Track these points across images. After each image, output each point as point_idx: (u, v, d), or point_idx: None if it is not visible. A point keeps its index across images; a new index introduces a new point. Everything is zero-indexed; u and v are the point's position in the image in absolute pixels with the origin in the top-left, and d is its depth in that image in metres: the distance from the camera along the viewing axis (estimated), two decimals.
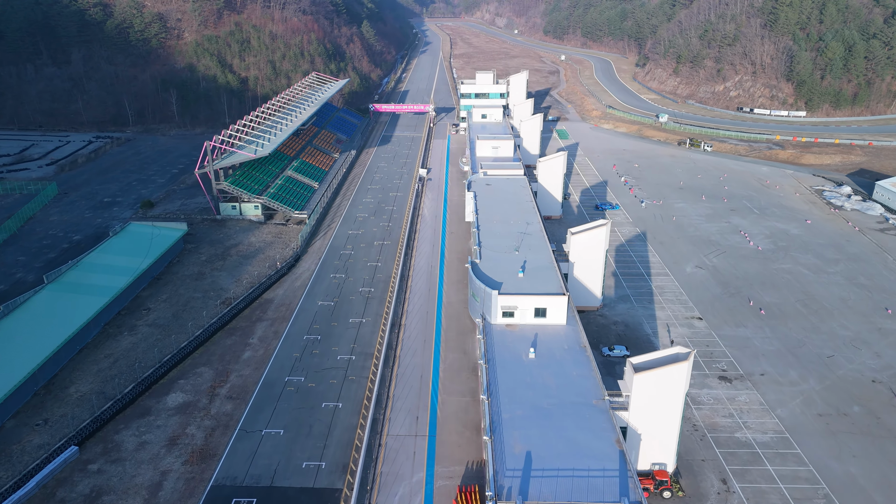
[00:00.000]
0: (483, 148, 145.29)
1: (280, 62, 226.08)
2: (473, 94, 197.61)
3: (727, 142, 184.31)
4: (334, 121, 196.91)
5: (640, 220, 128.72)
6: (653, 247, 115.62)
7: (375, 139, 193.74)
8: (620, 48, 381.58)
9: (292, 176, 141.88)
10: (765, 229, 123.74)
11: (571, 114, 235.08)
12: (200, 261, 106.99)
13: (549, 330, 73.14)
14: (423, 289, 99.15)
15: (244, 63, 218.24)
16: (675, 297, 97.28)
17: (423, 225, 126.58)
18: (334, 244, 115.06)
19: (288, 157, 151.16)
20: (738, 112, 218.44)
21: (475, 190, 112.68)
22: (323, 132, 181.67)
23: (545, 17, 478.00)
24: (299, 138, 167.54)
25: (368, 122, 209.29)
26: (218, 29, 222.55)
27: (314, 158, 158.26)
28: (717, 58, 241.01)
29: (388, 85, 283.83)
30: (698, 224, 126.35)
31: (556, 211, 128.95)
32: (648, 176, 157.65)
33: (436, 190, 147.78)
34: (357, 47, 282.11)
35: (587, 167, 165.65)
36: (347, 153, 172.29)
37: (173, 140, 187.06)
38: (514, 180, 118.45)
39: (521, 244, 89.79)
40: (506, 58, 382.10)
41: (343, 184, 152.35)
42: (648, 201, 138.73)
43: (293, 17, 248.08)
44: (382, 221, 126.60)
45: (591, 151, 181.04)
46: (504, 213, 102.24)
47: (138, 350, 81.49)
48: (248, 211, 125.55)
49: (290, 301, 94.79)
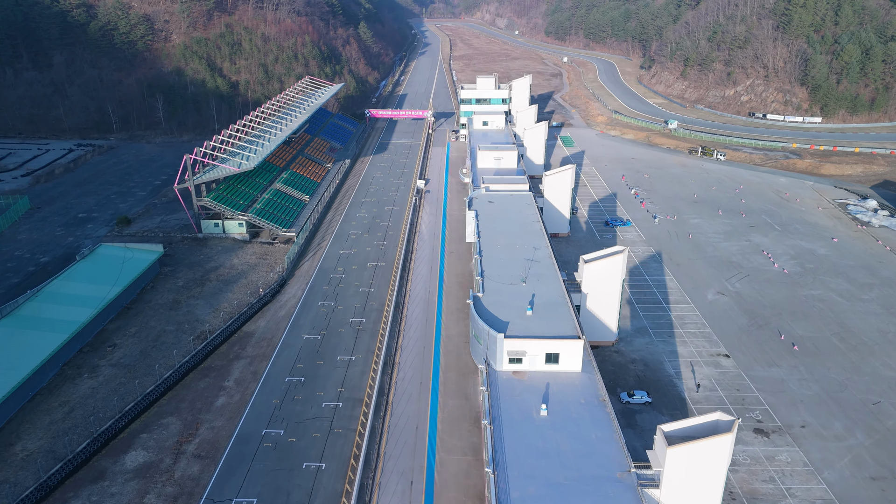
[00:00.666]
0: (484, 159, 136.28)
1: (272, 65, 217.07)
2: (474, 99, 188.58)
3: (741, 150, 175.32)
4: (328, 127, 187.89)
5: (654, 238, 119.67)
6: (669, 269, 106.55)
7: (371, 147, 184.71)
8: (624, 50, 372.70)
9: (281, 189, 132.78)
10: (789, 248, 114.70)
11: (576, 119, 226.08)
12: (177, 287, 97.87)
13: (563, 379, 64.10)
14: (419, 319, 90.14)
15: (235, 66, 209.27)
16: (697, 329, 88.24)
17: (420, 243, 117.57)
18: (324, 266, 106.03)
19: (277, 169, 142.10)
20: (749, 118, 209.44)
21: (477, 208, 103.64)
22: (316, 140, 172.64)
23: (546, 18, 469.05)
24: (290, 147, 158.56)
25: (364, 129, 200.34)
26: (207, 31, 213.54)
27: (305, 169, 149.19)
28: (727, 61, 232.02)
29: (385, 88, 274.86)
30: (717, 243, 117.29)
31: (564, 228, 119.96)
32: (660, 188, 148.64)
33: (434, 203, 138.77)
34: (353, 49, 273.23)
35: (594, 178, 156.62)
36: (341, 162, 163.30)
37: (158, 148, 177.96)
38: (519, 196, 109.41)
39: (528, 273, 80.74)
40: (507, 59, 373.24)
41: (336, 197, 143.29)
42: (662, 216, 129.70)
43: (287, 19, 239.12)
44: (377, 239, 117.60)
45: (599, 160, 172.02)
46: (509, 234, 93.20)
47: (98, 396, 72.41)
48: (231, 229, 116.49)
49: (272, 334, 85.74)
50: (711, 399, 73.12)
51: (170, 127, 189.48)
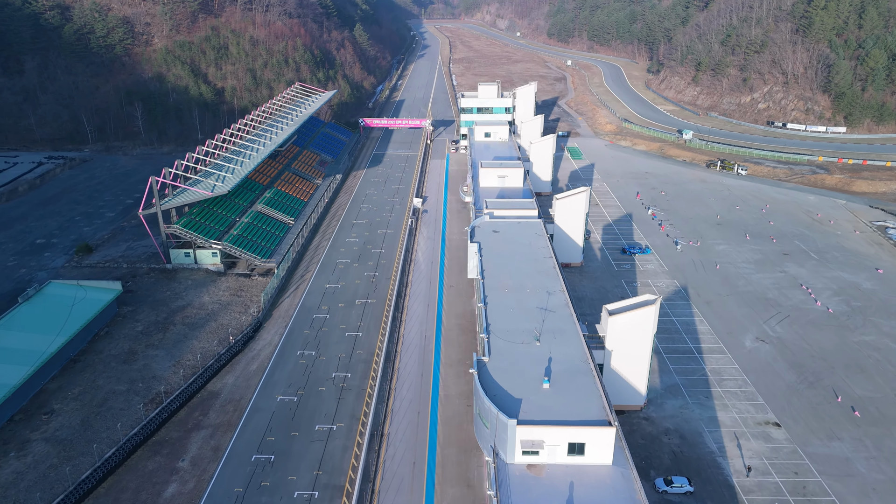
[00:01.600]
0: (487, 177, 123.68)
1: (261, 71, 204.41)
2: (475, 108, 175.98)
3: (763, 163, 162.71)
4: (319, 138, 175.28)
5: (678, 268, 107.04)
6: (698, 308, 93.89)
7: (365, 159, 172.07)
8: (630, 52, 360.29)
9: (262, 212, 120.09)
10: (830, 282, 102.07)
11: (583, 128, 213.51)
12: (135, 333, 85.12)
13: (590, 475, 51.51)
14: (413, 374, 77.55)
15: (221, 72, 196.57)
16: (737, 386, 75.61)
17: (416, 274, 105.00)
18: (306, 303, 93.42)
19: (260, 187, 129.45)
20: (768, 127, 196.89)
21: (480, 239, 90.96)
22: (305, 152, 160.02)
23: (549, 20, 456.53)
24: (276, 161, 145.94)
25: (358, 139, 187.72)
26: (192, 34, 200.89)
27: (292, 186, 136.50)
28: (743, 66, 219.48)
29: (381, 94, 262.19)
30: (748, 274, 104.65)
31: (577, 257, 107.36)
32: (679, 207, 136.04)
33: (432, 226, 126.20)
34: (348, 53, 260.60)
35: (607, 195, 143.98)
36: (332, 178, 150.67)
37: (136, 161, 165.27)
38: (527, 225, 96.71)
39: (542, 327, 68.11)
40: (508, 62, 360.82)
41: (324, 218, 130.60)
42: (684, 242, 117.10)
43: (277, 21, 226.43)
44: (367, 270, 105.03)
45: (610, 175, 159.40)
46: (517, 273, 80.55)
47: (21, 486, 59.70)
48: (204, 259, 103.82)
49: (241, 395, 73.09)
50: (766, 487, 60.45)
51: (149, 137, 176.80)
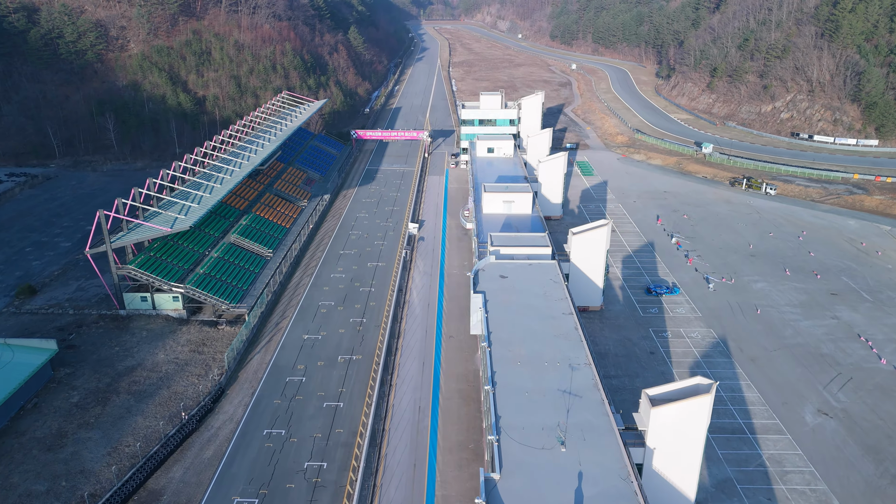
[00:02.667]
0: (492, 202, 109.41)
1: (246, 78, 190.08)
2: (477, 120, 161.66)
3: (793, 182, 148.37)
4: (307, 152, 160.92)
5: (713, 313, 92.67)
6: (743, 368, 79.52)
7: (356, 176, 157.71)
8: (637, 55, 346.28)
9: (236, 243, 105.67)
10: (891, 331, 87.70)
11: (591, 138, 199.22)
12: (68, 406, 70.64)
13: None
14: (404, 463, 63.25)
15: (202, 79, 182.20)
16: (804, 482, 61.25)
17: (410, 321, 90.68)
18: (280, 361, 79.13)
19: (236, 212, 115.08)
20: (793, 139, 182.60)
21: (485, 287, 76.60)
22: (290, 170, 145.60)
23: (552, 21, 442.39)
24: (257, 181, 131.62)
25: (350, 152, 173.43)
26: (171, 39, 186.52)
27: (273, 211, 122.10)
28: (762, 72, 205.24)
29: (377, 101, 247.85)
30: (795, 321, 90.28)
31: (596, 300, 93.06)
32: (705, 233, 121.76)
33: (429, 257, 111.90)
34: (342, 57, 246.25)
35: (623, 220, 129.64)
36: (319, 198, 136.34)
37: (105, 178, 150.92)
38: (541, 268, 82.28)
39: (567, 418, 53.75)
40: (510, 66, 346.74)
41: (307, 247, 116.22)
42: (716, 279, 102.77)
43: (265, 24, 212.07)
44: (354, 315, 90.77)
45: (625, 194, 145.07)
46: (532, 337, 66.13)
47: None
48: (164, 304, 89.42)
49: (187, 497, 58.63)
50: None
51: (122, 151, 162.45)
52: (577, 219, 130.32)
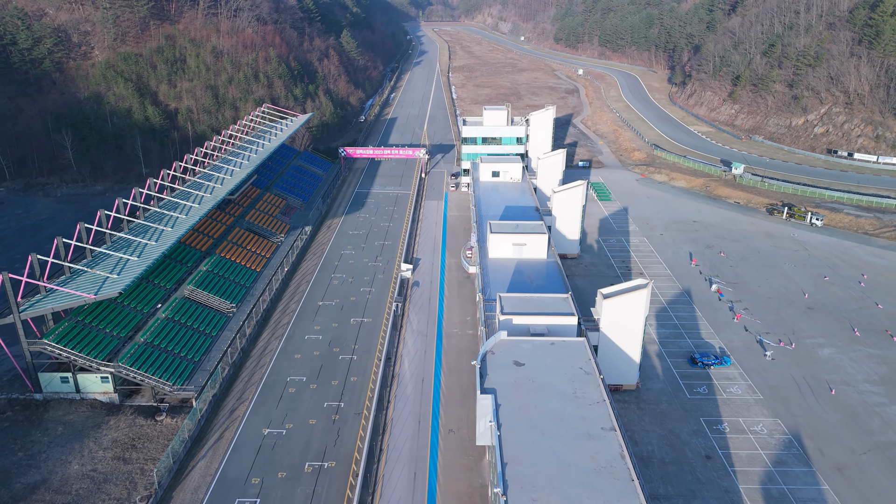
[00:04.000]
0: (499, 246, 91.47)
1: (225, 88, 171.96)
2: (479, 138, 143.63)
3: (840, 210, 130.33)
4: (289, 174, 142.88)
5: (776, 394, 74.61)
6: (828, 482, 61.37)
7: (344, 202, 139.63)
8: (646, 60, 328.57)
9: (192, 297, 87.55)
10: None
11: (605, 154, 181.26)
12: None
13: None
14: None
15: (174, 90, 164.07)
16: None
17: (399, 406, 72.71)
18: (228, 473, 61.19)
19: (196, 254, 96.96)
20: (830, 156, 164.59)
21: (496, 383, 58.41)
22: (267, 196, 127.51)
23: (556, 23, 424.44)
24: (227, 212, 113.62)
25: (338, 172, 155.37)
26: (140, 45, 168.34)
27: (242, 251, 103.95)
28: (792, 81, 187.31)
29: (371, 110, 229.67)
30: (880, 407, 72.23)
31: (631, 377, 75.00)
32: (749, 277, 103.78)
33: (425, 311, 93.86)
34: (333, 64, 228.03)
35: (651, 259, 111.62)
36: (300, 231, 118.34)
37: (57, 204, 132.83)
38: (566, 351, 64.00)
39: None
40: (513, 71, 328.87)
41: (280, 298, 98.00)
42: (773, 343, 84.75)
43: (247, 28, 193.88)
44: (330, 396, 72.96)
45: (650, 225, 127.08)
46: (562, 471, 48.03)
47: None
48: (90, 386, 71.35)
49: None
50: None
51: (80, 172, 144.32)
52: (597, 257, 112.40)
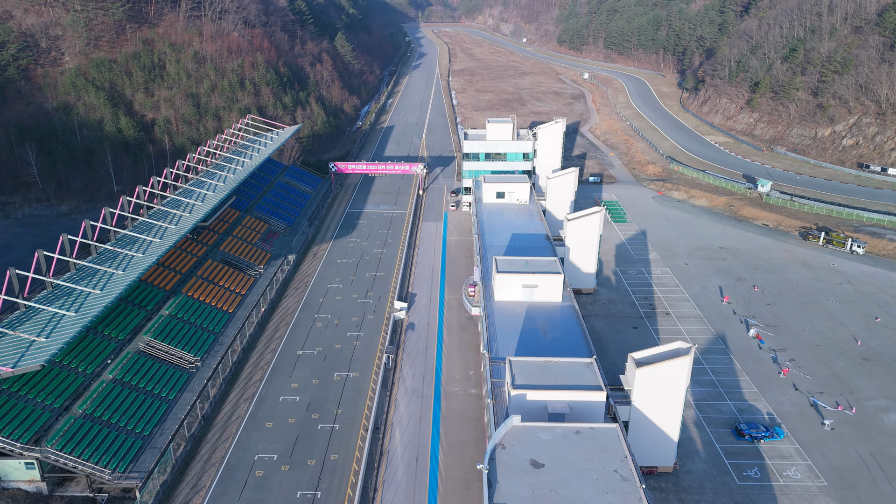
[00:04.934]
0: (507, 287, 78.99)
1: (207, 96, 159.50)
2: (482, 154, 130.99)
3: (883, 235, 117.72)
4: (274, 192, 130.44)
5: (842, 478, 61.99)
6: None
7: (333, 224, 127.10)
8: (653, 63, 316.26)
9: (149, 351, 74.94)
10: None
11: (617, 167, 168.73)
12: None
13: None
14: None
15: (151, 99, 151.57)
16: None
17: (387, 498, 60.02)
18: None
19: (159, 294, 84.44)
20: (862, 171, 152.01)
21: (509, 495, 45.69)
22: (247, 220, 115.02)
23: (559, 25, 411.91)
24: (199, 240, 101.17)
25: (328, 189, 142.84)
26: (115, 50, 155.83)
27: (213, 288, 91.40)
28: (817, 89, 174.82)
29: (367, 118, 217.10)
30: None
31: (668, 457, 62.49)
32: (790, 318, 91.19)
33: (421, 362, 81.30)
34: (326, 69, 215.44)
35: (676, 294, 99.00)
36: (282, 260, 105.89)
37: (16, 229, 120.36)
38: (595, 444, 51.19)
39: None
40: (515, 75, 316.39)
41: (254, 346, 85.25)
42: (829, 406, 72.16)
43: (233, 32, 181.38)
44: (304, 482, 60.53)
45: (671, 252, 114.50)
46: None
47: None
48: (12, 473, 58.80)
49: None
50: None
51: (45, 191, 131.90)
52: (615, 292, 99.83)
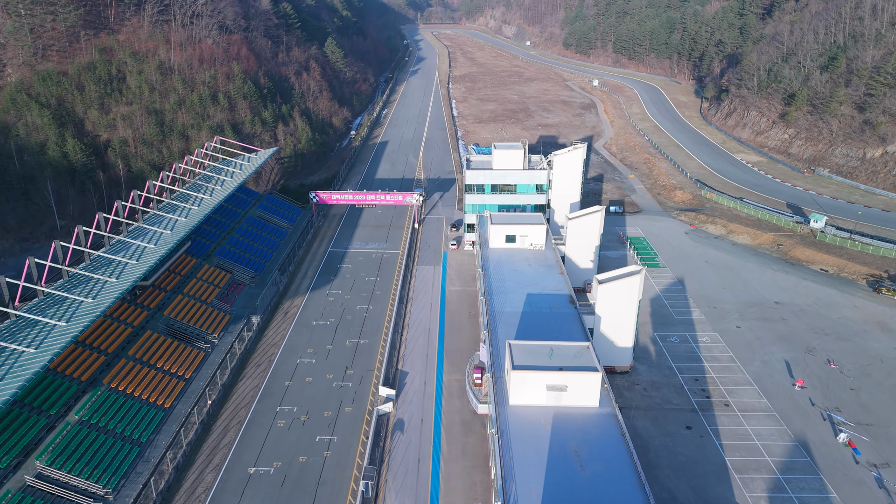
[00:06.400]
0: (526, 389, 59.09)
1: (173, 113, 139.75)
2: (488, 185, 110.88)
3: None
4: (242, 230, 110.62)
5: None
6: None
7: (311, 270, 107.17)
8: (667, 69, 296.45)
9: (38, 486, 54.90)
10: None
11: (639, 192, 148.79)
12: None
13: None
14: None
15: (107, 117, 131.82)
16: None
17: None
18: None
19: (73, 388, 64.56)
20: None
21: None
22: (206, 269, 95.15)
23: (565, 27, 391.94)
24: (137, 303, 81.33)
25: (309, 222, 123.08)
26: (66, 61, 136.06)
27: (148, 373, 71.43)
28: (864, 103, 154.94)
29: (358, 132, 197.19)
30: None
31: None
32: (884, 411, 71.24)
33: (410, 487, 61.38)
34: (314, 78, 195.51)
35: (733, 373, 78.97)
36: (243, 323, 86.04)
37: None
38: None
39: None
40: (520, 81, 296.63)
41: (190, 464, 65.10)
42: None
43: (206, 39, 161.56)
44: None
45: (717, 307, 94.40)
46: None
47: None
48: None
49: None
50: None
51: None
52: (656, 369, 79.88)
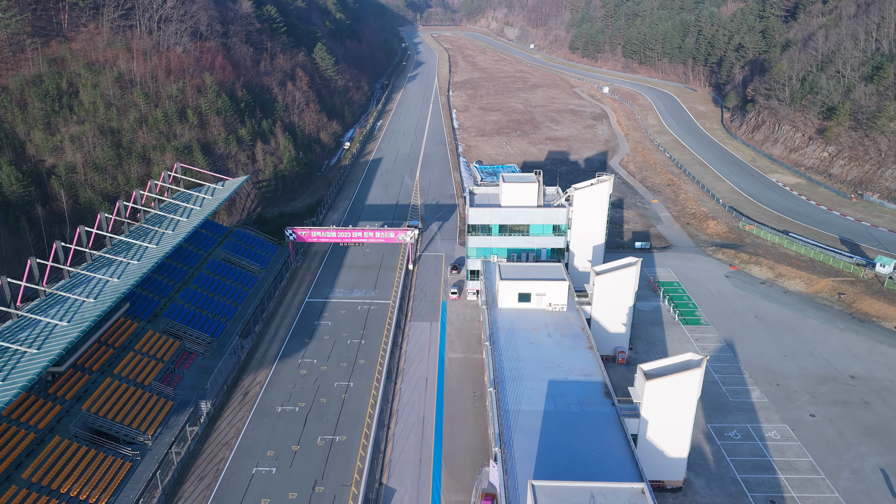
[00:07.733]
0: None
1: (132, 132, 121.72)
2: (496, 226, 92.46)
3: None
4: (202, 278, 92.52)
5: None
6: None
7: (282, 329, 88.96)
8: (681, 74, 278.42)
9: None
10: None
11: (665, 222, 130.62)
12: None
13: None
14: None
15: (53, 139, 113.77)
16: None
17: None
18: None
19: None
20: None
21: None
22: (147, 336, 76.98)
23: (571, 30, 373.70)
24: (50, 394, 63.31)
25: (285, 265, 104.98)
26: (8, 73, 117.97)
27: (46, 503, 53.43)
28: None
29: (350, 148, 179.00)
30: None
31: None
32: None
33: None
34: (300, 88, 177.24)
35: (817, 486, 60.74)
36: (189, 412, 67.94)
37: None
38: None
39: None
40: (524, 87, 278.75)
41: None
42: None
43: (175, 46, 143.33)
44: None
45: (781, 384, 76.21)
46: None
47: None
48: None
49: None
50: None
51: None
52: (717, 485, 61.63)
